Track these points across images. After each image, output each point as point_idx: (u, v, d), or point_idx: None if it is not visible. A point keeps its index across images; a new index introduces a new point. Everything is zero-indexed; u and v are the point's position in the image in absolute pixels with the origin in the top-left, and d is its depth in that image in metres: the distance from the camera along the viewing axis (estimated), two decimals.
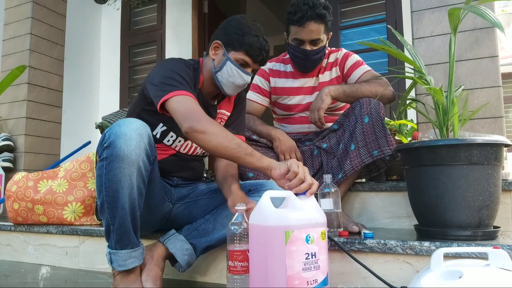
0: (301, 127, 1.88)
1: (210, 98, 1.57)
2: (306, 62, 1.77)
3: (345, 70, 1.81)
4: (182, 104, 1.30)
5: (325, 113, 1.66)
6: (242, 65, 1.45)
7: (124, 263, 1.24)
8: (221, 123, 1.62)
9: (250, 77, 1.48)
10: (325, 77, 1.85)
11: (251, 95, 1.94)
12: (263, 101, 1.94)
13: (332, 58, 1.86)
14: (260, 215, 1.08)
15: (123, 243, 1.24)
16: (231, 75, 1.45)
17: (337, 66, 1.83)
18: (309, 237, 1.08)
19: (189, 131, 1.25)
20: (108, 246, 1.26)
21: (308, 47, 1.72)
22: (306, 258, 1.07)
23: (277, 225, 1.05)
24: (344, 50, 1.87)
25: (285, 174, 1.19)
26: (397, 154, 1.55)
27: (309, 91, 1.87)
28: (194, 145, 1.55)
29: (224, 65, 1.45)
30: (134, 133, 1.19)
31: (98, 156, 1.24)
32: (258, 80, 1.96)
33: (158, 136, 1.48)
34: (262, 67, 1.98)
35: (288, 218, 1.07)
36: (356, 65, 1.79)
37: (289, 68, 1.92)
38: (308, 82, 1.88)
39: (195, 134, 1.25)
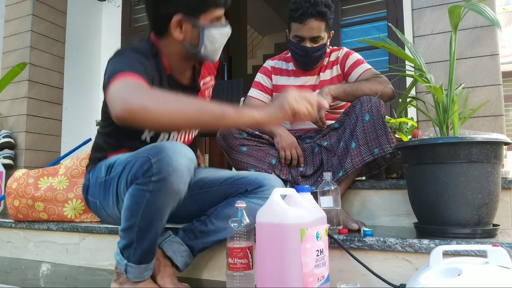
0: (301, 124, 1.88)
1: (187, 79, 1.41)
2: (306, 59, 1.78)
3: (346, 68, 1.82)
4: (115, 91, 1.04)
5: (326, 112, 1.66)
6: (217, 20, 1.25)
7: (140, 275, 1.22)
8: (210, 90, 1.53)
9: (229, 26, 1.30)
10: (326, 75, 1.86)
11: (253, 92, 1.94)
12: (265, 98, 1.94)
13: (333, 57, 1.87)
14: (273, 213, 1.08)
15: (144, 260, 1.21)
16: (214, 41, 1.25)
17: (338, 65, 1.84)
18: (318, 234, 1.09)
19: (124, 114, 0.97)
20: (124, 257, 1.21)
21: (308, 44, 1.73)
22: (317, 255, 1.08)
23: (293, 222, 1.05)
24: (345, 49, 1.88)
25: (288, 117, 1.08)
26: (397, 152, 1.55)
27: (311, 89, 1.87)
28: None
29: (202, 37, 1.23)
30: (186, 170, 1.08)
31: (136, 180, 1.09)
32: (260, 77, 1.96)
33: (148, 140, 1.34)
34: (264, 65, 1.97)
35: (302, 215, 1.07)
36: (356, 63, 1.79)
37: (291, 66, 1.93)
38: (310, 80, 1.89)
39: (134, 115, 0.97)
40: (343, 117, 1.67)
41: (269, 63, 1.97)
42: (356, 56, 1.83)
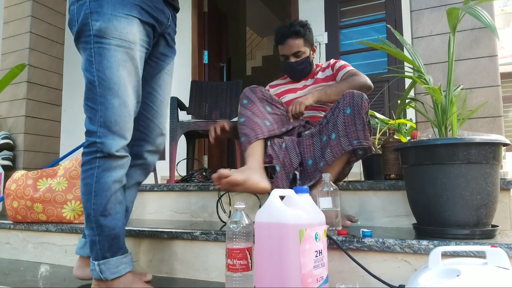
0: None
1: None
2: (294, 73, 2.02)
3: (335, 70, 2.00)
4: None
5: (315, 106, 1.84)
6: None
7: (116, 269, 1.23)
8: None
9: None
10: (320, 75, 2.02)
11: None
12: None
13: (325, 65, 2.07)
14: (272, 213, 1.08)
15: (113, 250, 1.24)
16: None
17: (330, 68, 2.03)
18: (317, 235, 1.09)
19: None
20: (95, 261, 1.23)
21: (292, 60, 1.97)
22: (316, 256, 1.08)
23: (292, 223, 1.05)
24: (334, 59, 2.08)
25: None
26: (370, 149, 1.57)
27: (305, 88, 2.01)
28: None
29: None
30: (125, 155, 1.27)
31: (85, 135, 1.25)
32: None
33: None
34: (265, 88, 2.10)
35: (301, 216, 1.07)
36: (342, 67, 1.97)
37: (287, 79, 2.13)
38: (306, 82, 2.04)
39: None
40: (328, 113, 1.69)
41: (268, 86, 2.16)
42: (342, 62, 2.03)
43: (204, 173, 2.26)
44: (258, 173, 1.55)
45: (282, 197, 1.15)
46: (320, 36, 3.92)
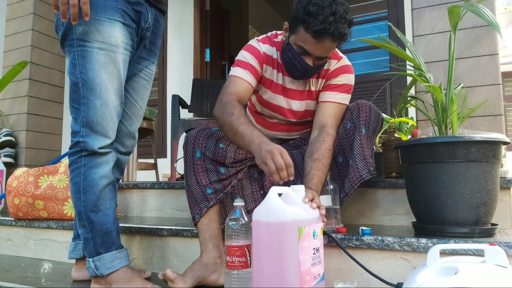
0: (278, 134, 1.62)
1: None
2: (300, 75, 1.46)
3: (325, 84, 1.54)
4: None
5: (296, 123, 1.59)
6: None
7: (111, 264, 1.24)
8: None
9: None
10: (314, 84, 1.54)
11: (241, 72, 1.46)
12: (254, 83, 1.48)
13: (326, 65, 1.52)
14: (270, 211, 1.08)
15: (106, 245, 1.25)
16: None
17: (324, 79, 1.54)
18: (315, 233, 1.10)
19: None
20: (90, 258, 1.25)
21: (310, 62, 1.40)
22: (314, 253, 1.08)
23: (291, 221, 1.05)
24: (344, 61, 1.54)
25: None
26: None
27: (297, 95, 1.54)
28: None
29: None
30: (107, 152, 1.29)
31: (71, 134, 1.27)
32: (250, 59, 1.48)
33: None
34: (253, 45, 1.52)
35: (300, 214, 1.08)
36: (338, 87, 1.51)
37: (278, 56, 1.53)
38: (297, 83, 1.53)
39: None
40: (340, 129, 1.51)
41: (260, 46, 1.51)
42: (347, 78, 1.52)
43: None
44: (211, 268, 1.33)
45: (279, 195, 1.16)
46: None
